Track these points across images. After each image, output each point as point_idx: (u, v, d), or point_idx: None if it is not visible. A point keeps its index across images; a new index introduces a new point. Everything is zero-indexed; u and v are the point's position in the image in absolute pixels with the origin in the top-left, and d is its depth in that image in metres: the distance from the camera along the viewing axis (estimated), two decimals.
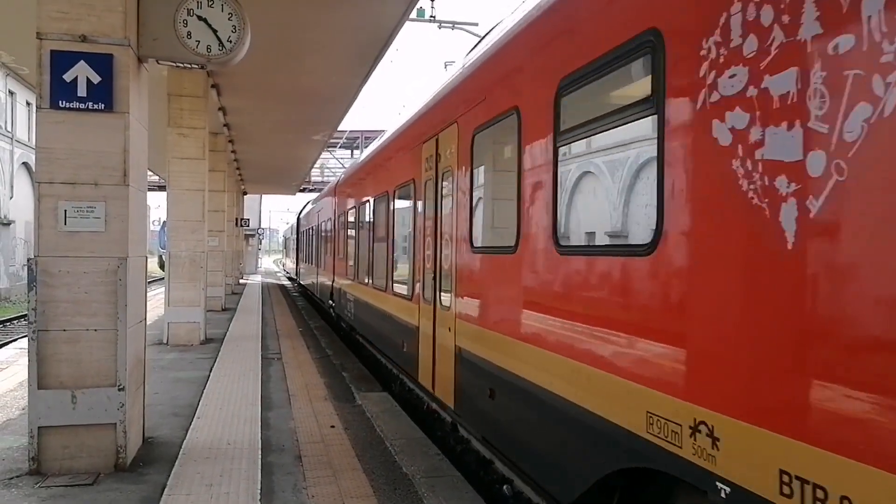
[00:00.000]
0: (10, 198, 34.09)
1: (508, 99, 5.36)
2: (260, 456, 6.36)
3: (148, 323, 6.87)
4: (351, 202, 14.73)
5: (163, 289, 14.50)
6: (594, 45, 4.03)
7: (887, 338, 2.30)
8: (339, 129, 23.14)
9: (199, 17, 6.14)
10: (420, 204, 8.24)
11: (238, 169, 30.29)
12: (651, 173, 3.51)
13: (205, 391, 9.17)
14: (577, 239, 4.70)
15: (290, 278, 50.30)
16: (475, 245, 6.14)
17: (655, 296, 3.48)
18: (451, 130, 6.65)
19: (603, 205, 4.56)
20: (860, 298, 2.39)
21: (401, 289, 9.39)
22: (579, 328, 4.19)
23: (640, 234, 3.86)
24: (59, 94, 5.60)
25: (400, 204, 9.79)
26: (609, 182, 4.35)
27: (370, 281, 11.79)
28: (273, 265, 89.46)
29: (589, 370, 4.01)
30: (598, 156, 4.49)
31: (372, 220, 12.06)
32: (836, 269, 2.48)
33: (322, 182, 44.04)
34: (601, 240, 4.45)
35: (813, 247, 2.56)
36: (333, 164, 45.75)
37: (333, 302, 17.78)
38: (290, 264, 51.11)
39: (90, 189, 5.71)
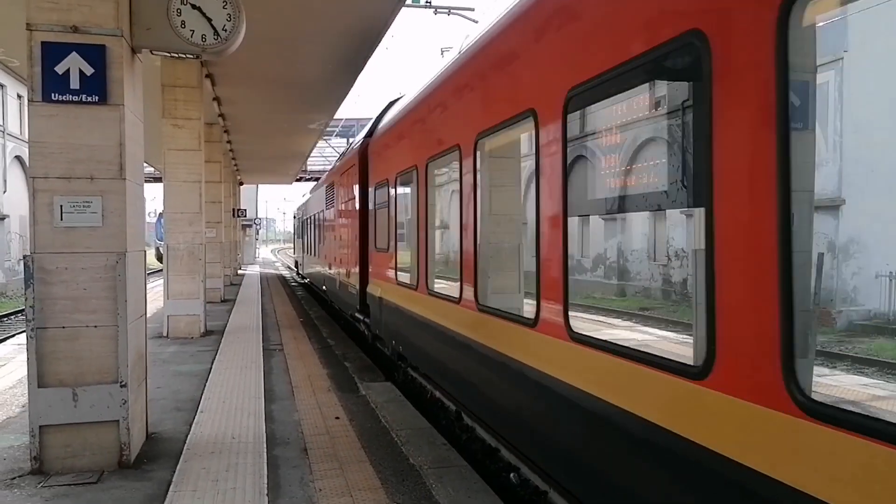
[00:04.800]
0: (4, 192, 33.85)
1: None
2: (265, 450, 6.31)
3: (147, 316, 6.79)
4: None
5: (161, 281, 14.42)
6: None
7: None
8: (335, 117, 22.98)
9: (193, 6, 6.00)
10: None
11: (234, 159, 30.12)
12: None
13: (207, 384, 9.11)
14: None
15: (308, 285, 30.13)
16: None
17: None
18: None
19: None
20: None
21: None
22: None
23: None
24: (51, 86, 5.48)
25: None
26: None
27: None
28: (271, 255, 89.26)
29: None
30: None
31: None
32: None
33: (320, 172, 43.72)
34: None
35: None
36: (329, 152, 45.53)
37: None
38: (322, 269, 21.27)
39: (86, 183, 5.60)
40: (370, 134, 12.77)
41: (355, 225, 13.21)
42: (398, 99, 12.20)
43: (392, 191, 9.96)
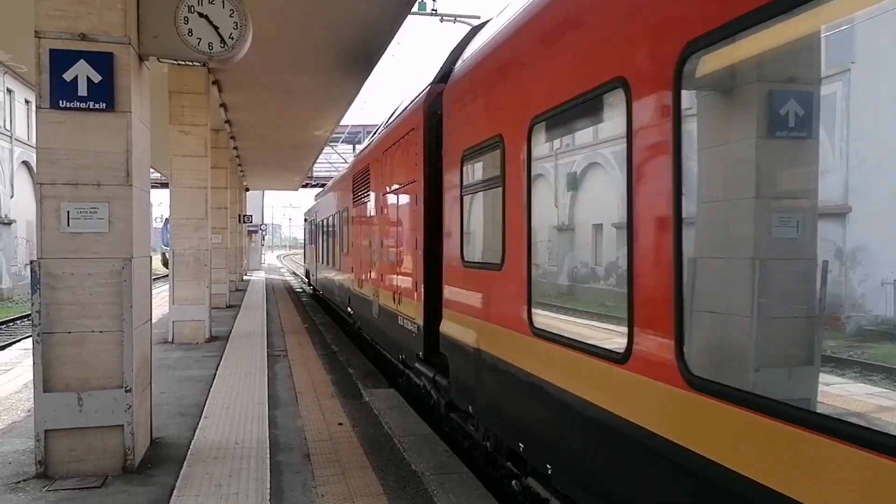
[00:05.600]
0: (11, 197, 34.02)
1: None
2: (268, 455, 6.33)
3: (153, 321, 6.83)
4: None
5: (166, 286, 14.48)
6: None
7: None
8: (341, 123, 23.07)
9: (200, 14, 6.06)
10: None
11: (240, 165, 30.23)
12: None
13: (211, 390, 9.14)
14: None
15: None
16: None
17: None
18: None
19: None
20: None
21: None
22: None
23: None
24: (59, 93, 5.54)
25: None
26: None
27: None
28: (277, 261, 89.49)
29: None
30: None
31: None
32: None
33: (326, 178, 43.81)
34: None
35: None
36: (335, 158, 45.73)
37: None
38: (346, 283, 15.77)
39: (93, 190, 5.65)
40: (444, 78, 7.85)
41: (413, 224, 8.67)
42: (486, 23, 7.44)
43: (519, 155, 5.19)
